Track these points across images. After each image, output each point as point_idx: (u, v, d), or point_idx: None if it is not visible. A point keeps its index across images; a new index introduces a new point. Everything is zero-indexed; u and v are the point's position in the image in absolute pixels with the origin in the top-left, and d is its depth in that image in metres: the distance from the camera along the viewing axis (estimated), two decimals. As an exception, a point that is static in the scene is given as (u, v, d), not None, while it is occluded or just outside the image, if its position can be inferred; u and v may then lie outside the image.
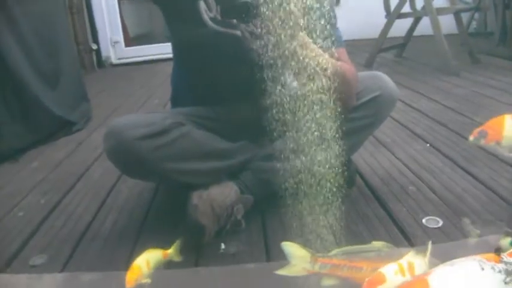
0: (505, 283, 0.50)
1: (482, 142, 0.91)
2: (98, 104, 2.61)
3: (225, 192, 1.11)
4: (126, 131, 1.05)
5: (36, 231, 1.19)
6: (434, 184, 1.28)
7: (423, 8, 2.82)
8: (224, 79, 1.13)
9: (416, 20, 3.10)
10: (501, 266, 0.52)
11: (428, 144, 1.60)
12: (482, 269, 0.52)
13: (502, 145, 0.90)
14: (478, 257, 0.54)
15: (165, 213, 1.25)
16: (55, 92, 2.16)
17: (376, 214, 1.14)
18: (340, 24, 1.15)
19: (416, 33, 3.19)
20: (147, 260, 0.80)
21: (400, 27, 3.08)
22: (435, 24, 2.67)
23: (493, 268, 0.52)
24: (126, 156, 1.05)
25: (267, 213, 1.17)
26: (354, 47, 0.98)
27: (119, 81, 3.61)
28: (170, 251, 0.90)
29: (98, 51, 4.26)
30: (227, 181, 1.15)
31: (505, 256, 0.53)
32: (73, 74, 2.43)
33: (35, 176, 1.60)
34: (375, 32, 3.05)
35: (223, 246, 1.05)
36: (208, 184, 1.11)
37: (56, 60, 2.25)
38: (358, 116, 1.16)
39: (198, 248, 1.04)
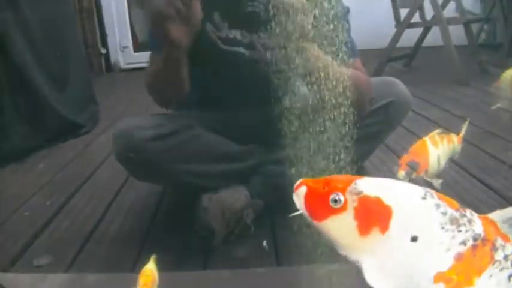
0: (442, 227, 0.41)
1: (414, 175, 0.79)
2: (106, 108, 2.59)
3: (235, 196, 1.09)
4: (135, 132, 1.03)
5: (41, 232, 1.18)
6: (447, 193, 1.25)
7: (433, 17, 2.81)
8: (233, 90, 1.11)
9: (426, 30, 3.09)
10: (452, 211, 0.42)
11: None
12: (424, 198, 0.42)
13: (428, 174, 0.81)
14: (431, 190, 0.44)
15: (172, 216, 1.24)
16: (63, 94, 2.14)
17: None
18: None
19: (425, 43, 3.18)
20: (155, 266, 0.76)
21: (409, 37, 3.07)
22: (445, 34, 2.65)
23: (437, 205, 0.42)
24: (136, 157, 1.04)
25: (276, 218, 1.15)
26: (362, 56, 0.98)
27: (126, 85, 3.61)
28: None
29: (107, 56, 4.27)
30: (237, 185, 1.13)
31: (469, 211, 0.43)
32: (81, 76, 2.42)
33: (41, 178, 1.59)
34: (383, 42, 3.04)
35: (265, 243, 1.04)
36: (218, 187, 1.10)
37: (65, 62, 2.25)
38: (371, 122, 1.14)
39: (206, 252, 1.02)
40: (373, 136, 1.19)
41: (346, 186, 0.43)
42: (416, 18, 2.94)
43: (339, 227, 0.43)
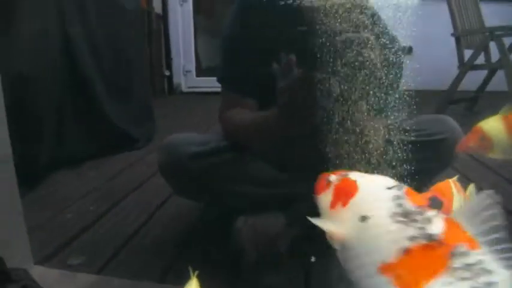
0: (391, 217, 0.41)
1: None
2: (163, 127, 2.69)
3: (271, 222, 1.08)
4: (179, 147, 1.06)
5: (80, 234, 1.22)
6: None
7: (499, 60, 2.70)
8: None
9: (491, 73, 2.98)
10: (410, 206, 0.42)
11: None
12: (389, 188, 0.45)
13: None
14: (405, 186, 0.45)
15: (209, 235, 1.24)
16: (123, 108, 2.25)
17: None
18: (409, 72, 1.12)
19: (489, 87, 3.05)
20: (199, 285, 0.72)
21: (472, 80, 2.97)
22: (510, 78, 2.54)
23: (397, 197, 0.44)
24: (177, 171, 1.06)
25: (311, 249, 1.12)
26: (421, 97, 0.94)
27: (186, 108, 3.73)
28: None
29: (170, 78, 4.46)
30: (276, 211, 1.12)
31: (435, 212, 0.42)
32: (142, 94, 2.53)
33: (90, 184, 1.66)
34: (444, 83, 2.95)
35: (313, 259, 1.02)
36: (256, 212, 1.09)
37: (128, 79, 2.38)
38: (421, 157, 1.10)
39: (235, 275, 1.01)
40: (423, 172, 1.15)
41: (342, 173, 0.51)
42: (481, 59, 2.84)
43: (323, 201, 0.50)
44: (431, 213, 0.41)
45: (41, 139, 1.70)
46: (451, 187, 0.73)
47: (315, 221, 0.48)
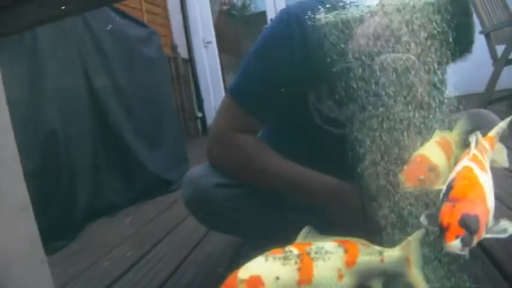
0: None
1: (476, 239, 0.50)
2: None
3: None
4: (201, 179, 1.03)
5: (116, 281, 1.21)
6: None
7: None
8: (311, 157, 1.05)
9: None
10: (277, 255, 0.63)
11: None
12: (266, 260, 0.63)
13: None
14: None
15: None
16: (156, 154, 2.29)
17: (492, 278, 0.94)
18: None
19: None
20: None
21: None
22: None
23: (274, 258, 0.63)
24: (201, 203, 1.03)
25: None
26: (461, 103, 0.87)
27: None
28: None
29: (203, 119, 4.51)
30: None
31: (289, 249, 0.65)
32: (174, 137, 2.57)
33: (128, 230, 1.67)
34: (481, 85, 2.83)
35: None
36: (288, 240, 1.04)
37: (159, 124, 2.42)
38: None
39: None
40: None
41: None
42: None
43: None
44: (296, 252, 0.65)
45: (78, 191, 1.74)
46: (476, 175, 0.58)
47: None
